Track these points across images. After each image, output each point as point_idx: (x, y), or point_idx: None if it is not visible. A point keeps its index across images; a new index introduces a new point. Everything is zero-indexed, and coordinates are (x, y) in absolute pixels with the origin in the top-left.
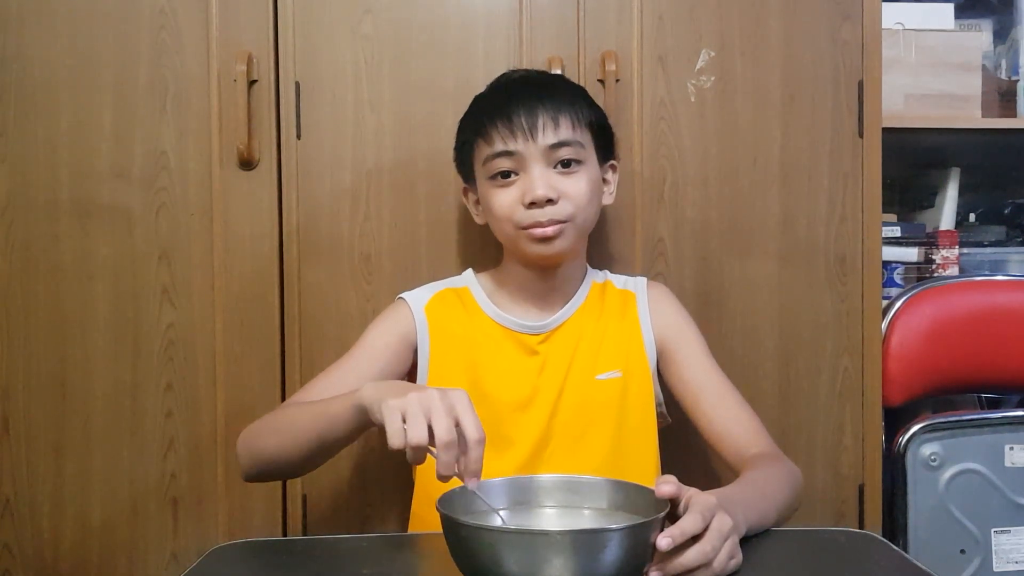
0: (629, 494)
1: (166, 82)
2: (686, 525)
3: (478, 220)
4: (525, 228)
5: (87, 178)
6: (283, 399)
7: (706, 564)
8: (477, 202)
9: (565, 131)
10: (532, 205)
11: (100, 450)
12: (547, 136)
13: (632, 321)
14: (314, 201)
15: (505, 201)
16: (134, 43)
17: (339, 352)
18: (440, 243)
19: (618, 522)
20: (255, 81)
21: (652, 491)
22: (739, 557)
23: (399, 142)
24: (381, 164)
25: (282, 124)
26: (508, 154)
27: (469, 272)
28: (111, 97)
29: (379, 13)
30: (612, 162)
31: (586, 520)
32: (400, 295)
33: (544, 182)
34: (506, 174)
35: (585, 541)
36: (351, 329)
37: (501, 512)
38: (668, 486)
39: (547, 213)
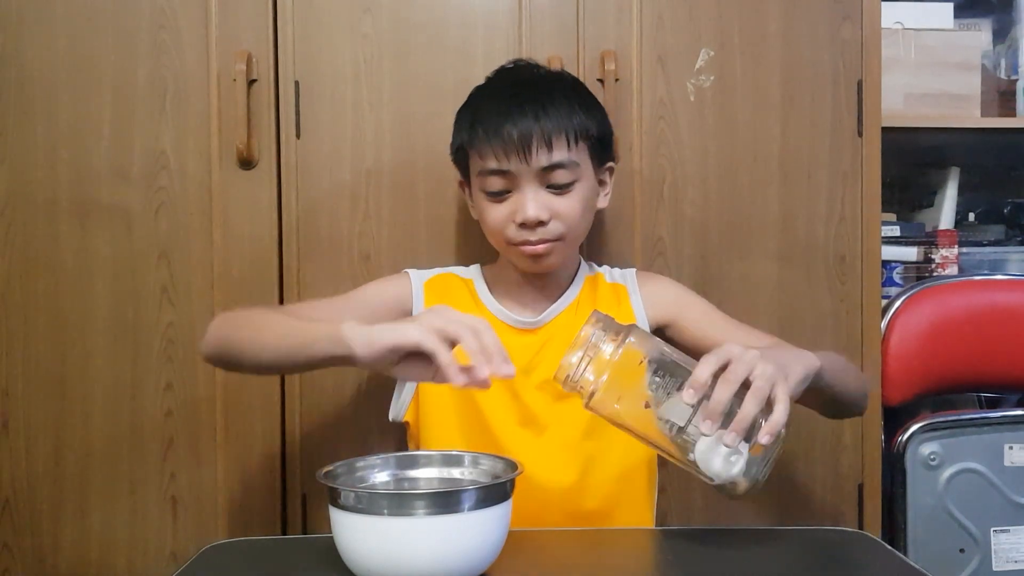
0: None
1: (165, 81)
2: (698, 372)
3: (473, 214)
4: (516, 244)
5: (86, 178)
6: (283, 398)
7: (745, 392)
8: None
9: (559, 152)
10: (523, 225)
11: (99, 449)
12: (540, 159)
13: (627, 314)
14: (313, 200)
15: (497, 216)
16: (133, 42)
17: None
18: (440, 242)
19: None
20: (254, 80)
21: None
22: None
23: (398, 141)
24: (380, 163)
25: (281, 123)
26: (501, 172)
27: (476, 266)
28: (110, 96)
29: (378, 12)
30: (610, 164)
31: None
32: (405, 269)
33: (536, 203)
34: (499, 191)
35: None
36: None
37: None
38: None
39: (538, 233)
